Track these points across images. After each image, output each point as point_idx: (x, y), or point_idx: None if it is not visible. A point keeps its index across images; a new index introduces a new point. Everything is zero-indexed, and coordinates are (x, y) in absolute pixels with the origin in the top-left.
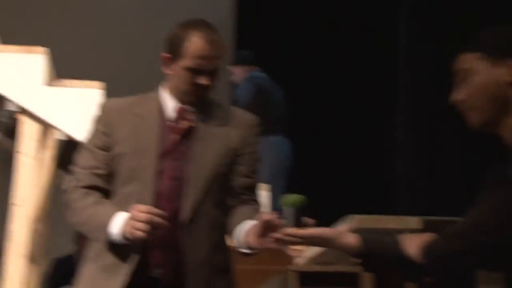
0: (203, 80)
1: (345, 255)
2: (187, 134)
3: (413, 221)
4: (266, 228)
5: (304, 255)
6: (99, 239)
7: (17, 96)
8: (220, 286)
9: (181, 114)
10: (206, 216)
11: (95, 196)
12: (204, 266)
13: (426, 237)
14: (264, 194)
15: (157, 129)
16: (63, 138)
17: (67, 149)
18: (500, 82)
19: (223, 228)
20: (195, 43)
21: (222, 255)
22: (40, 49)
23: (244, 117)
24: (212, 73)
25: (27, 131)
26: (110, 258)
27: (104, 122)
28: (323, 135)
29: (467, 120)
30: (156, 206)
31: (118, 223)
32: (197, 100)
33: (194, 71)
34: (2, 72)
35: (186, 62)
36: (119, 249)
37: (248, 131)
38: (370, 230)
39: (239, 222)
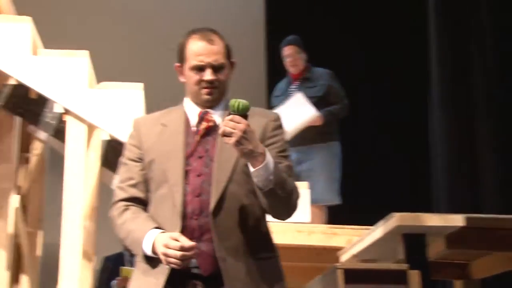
0: (207, 75)
1: (390, 252)
2: (208, 134)
3: (457, 219)
4: None
5: (348, 252)
6: (137, 253)
7: (62, 98)
8: (261, 273)
9: (202, 116)
10: (236, 206)
11: (131, 210)
12: (238, 253)
13: None
14: (304, 192)
15: (182, 134)
16: (107, 138)
17: (111, 149)
18: None
19: (260, 217)
20: (192, 43)
21: (258, 242)
22: (83, 52)
23: (265, 113)
24: (215, 69)
25: (73, 132)
26: (148, 264)
27: (135, 136)
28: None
29: None
30: (185, 201)
31: (149, 242)
32: (210, 97)
33: (198, 68)
34: (47, 75)
35: (190, 62)
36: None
37: (268, 124)
38: (411, 228)
39: None
